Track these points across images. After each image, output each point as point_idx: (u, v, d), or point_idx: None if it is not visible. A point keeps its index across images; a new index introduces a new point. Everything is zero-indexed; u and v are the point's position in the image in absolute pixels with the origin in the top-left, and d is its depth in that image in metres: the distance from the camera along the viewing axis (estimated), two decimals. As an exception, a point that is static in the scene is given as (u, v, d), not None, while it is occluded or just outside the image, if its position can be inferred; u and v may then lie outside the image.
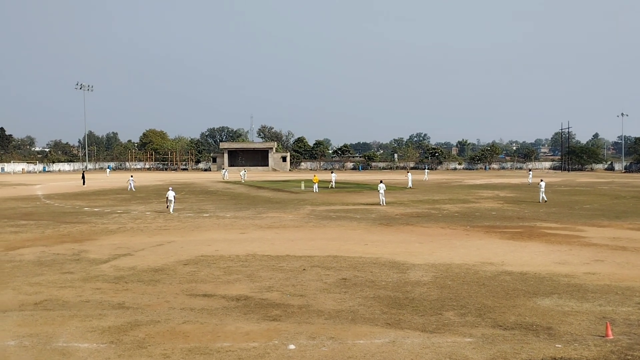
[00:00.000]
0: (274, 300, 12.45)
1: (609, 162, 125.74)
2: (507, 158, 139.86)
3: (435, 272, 15.34)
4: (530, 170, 67.46)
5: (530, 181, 58.92)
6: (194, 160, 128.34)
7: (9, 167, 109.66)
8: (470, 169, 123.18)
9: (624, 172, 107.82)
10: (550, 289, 13.37)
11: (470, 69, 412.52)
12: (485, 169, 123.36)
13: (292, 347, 9.44)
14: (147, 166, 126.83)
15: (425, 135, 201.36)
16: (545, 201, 36.98)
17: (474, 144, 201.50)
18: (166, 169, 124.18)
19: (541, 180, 39.53)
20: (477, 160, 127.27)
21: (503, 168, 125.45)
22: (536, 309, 11.68)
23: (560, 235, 22.16)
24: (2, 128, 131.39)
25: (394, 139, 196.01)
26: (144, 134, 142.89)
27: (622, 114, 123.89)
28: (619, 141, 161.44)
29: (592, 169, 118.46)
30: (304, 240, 21.11)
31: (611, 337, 9.76)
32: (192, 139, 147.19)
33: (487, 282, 14.09)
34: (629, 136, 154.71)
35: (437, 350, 9.26)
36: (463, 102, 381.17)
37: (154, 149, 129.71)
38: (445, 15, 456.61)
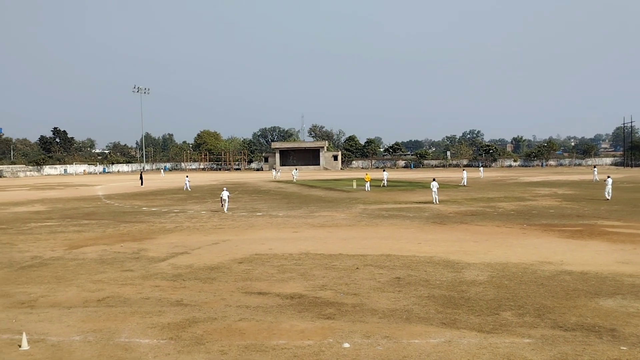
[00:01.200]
0: (328, 299, 12.50)
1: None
2: (565, 154, 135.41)
3: (492, 271, 15.03)
4: (595, 167, 64.46)
5: (596, 179, 56.13)
6: (247, 160, 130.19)
7: (71, 168, 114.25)
8: (526, 166, 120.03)
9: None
10: (613, 289, 12.89)
11: (526, 63, 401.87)
12: (541, 165, 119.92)
13: (346, 345, 9.46)
14: (201, 166, 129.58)
15: (478, 132, 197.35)
16: (608, 199, 35.45)
17: (529, 141, 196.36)
18: (220, 169, 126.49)
19: (608, 177, 38.03)
20: (533, 157, 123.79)
21: (561, 165, 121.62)
22: (598, 310, 11.28)
23: (623, 234, 21.32)
24: (64, 131, 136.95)
25: (447, 137, 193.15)
26: (198, 135, 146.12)
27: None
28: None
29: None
30: (356, 239, 21.09)
31: (680, 340, 9.32)
32: (244, 139, 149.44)
33: (546, 282, 13.70)
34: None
35: (494, 351, 9.08)
36: (518, 97, 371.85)
37: (208, 150, 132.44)
38: (503, 12, 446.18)
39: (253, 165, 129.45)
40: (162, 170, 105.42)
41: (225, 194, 32.65)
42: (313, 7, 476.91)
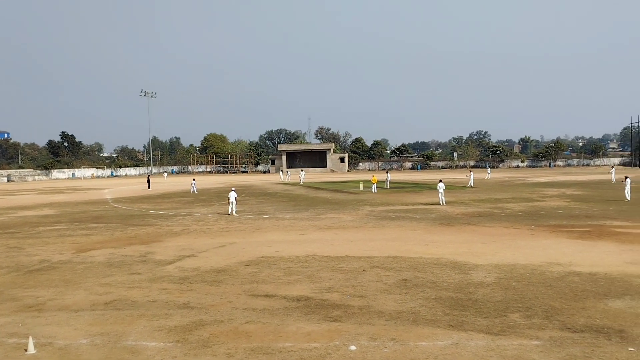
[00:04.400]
0: (335, 301, 12.47)
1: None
2: (573, 154, 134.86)
3: (499, 272, 14.95)
4: (613, 167, 63.41)
5: (614, 179, 55.40)
6: (253, 163, 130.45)
7: (79, 172, 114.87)
8: (533, 167, 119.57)
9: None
10: (622, 290, 12.78)
11: (532, 64, 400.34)
12: (549, 166, 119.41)
13: (353, 348, 9.42)
14: (208, 169, 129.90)
15: (485, 133, 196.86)
16: (628, 200, 34.90)
17: (537, 141, 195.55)
18: (226, 172, 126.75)
19: (626, 177, 37.73)
20: (541, 158, 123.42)
21: (569, 165, 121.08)
22: (607, 311, 11.19)
23: (632, 234, 21.16)
24: (72, 135, 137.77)
25: (453, 138, 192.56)
26: (205, 138, 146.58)
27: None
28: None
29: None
30: (363, 241, 21.05)
31: (691, 342, 9.23)
32: (251, 142, 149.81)
33: (554, 283, 13.61)
34: None
35: (502, 353, 9.02)
36: (525, 98, 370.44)
37: (215, 153, 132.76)
38: (507, 14, 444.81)
39: (260, 167, 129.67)
40: (165, 174, 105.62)
41: (233, 195, 32.69)
42: (316, 9, 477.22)
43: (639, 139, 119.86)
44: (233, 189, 34.88)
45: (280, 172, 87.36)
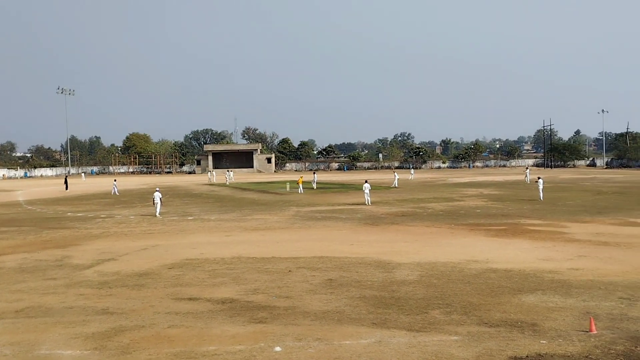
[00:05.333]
0: (260, 303, 12.40)
1: (591, 159, 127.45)
2: (491, 156, 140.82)
3: (421, 270, 15.38)
4: (527, 169, 66.51)
5: (528, 180, 57.86)
6: (178, 163, 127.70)
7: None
8: (454, 168, 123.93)
9: (605, 168, 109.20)
10: (534, 286, 13.46)
11: (452, 67, 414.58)
12: (469, 167, 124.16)
13: (278, 349, 9.40)
14: (130, 170, 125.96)
15: (409, 134, 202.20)
16: (541, 200, 36.77)
17: (457, 143, 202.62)
18: (150, 173, 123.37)
19: (539, 178, 39.74)
20: (461, 159, 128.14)
21: (487, 166, 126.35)
22: (521, 306, 11.75)
23: (544, 232, 22.35)
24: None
25: (379, 139, 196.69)
26: (127, 138, 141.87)
27: (603, 111, 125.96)
28: (600, 137, 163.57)
29: (574, 166, 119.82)
30: (289, 242, 21.07)
31: (595, 332, 9.84)
32: (176, 142, 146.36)
33: (473, 280, 14.15)
34: (610, 132, 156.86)
35: (423, 349, 9.27)
36: (446, 100, 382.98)
37: (138, 153, 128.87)
38: (432, 14, 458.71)
39: (185, 168, 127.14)
40: (82, 174, 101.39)
41: (157, 196, 31.89)
42: (239, 11, 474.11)
43: (550, 141, 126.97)
44: (157, 189, 34.00)
45: (209, 172, 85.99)
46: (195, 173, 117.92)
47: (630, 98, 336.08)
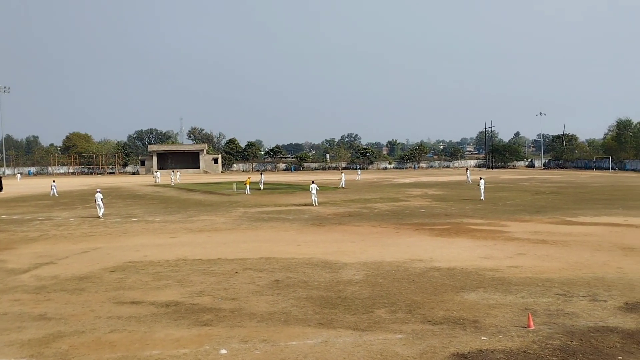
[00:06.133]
0: (205, 305, 12.23)
1: (530, 160, 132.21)
2: (435, 157, 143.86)
3: (367, 270, 15.54)
4: (467, 169, 68.23)
5: (469, 180, 59.25)
6: (122, 164, 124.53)
7: None
8: (400, 168, 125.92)
9: (543, 169, 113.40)
10: (476, 283, 13.83)
11: (398, 69, 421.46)
12: (414, 167, 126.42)
13: (223, 351, 9.30)
14: (71, 170, 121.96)
15: (356, 135, 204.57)
16: (482, 199, 37.82)
17: (403, 144, 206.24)
18: (92, 173, 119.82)
19: (481, 179, 40.81)
20: (407, 160, 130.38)
21: (431, 167, 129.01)
22: (463, 303, 12.05)
23: (485, 231, 22.99)
24: None
25: (326, 140, 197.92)
26: (67, 137, 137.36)
27: (541, 113, 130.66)
28: (538, 139, 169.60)
29: (514, 166, 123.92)
30: (236, 243, 20.88)
31: (533, 328, 10.19)
32: (119, 142, 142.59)
33: (417, 279, 14.41)
34: (547, 134, 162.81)
35: (368, 348, 9.37)
36: (393, 102, 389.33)
37: (79, 153, 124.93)
38: (377, 15, 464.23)
39: (128, 169, 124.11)
40: (18, 175, 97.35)
41: (99, 197, 31.02)
42: (176, 7, 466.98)
43: (491, 143, 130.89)
44: (98, 190, 33.05)
45: (154, 173, 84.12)
46: (139, 174, 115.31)
47: (567, 101, 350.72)
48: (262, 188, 52.70)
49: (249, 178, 52.10)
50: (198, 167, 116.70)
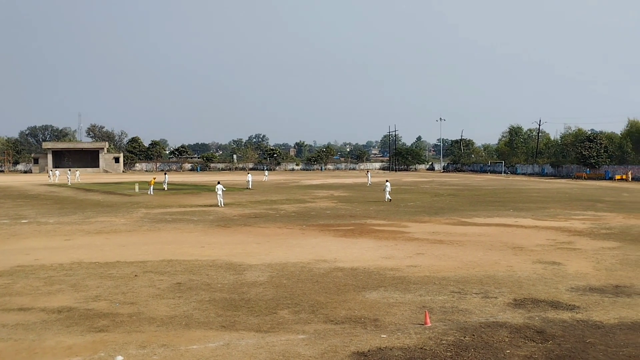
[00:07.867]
0: (102, 310, 11.69)
1: (430, 163, 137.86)
2: (342, 159, 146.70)
3: (272, 271, 15.51)
4: (368, 172, 69.94)
5: (370, 182, 60.30)
6: (12, 162, 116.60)
7: None
8: (307, 170, 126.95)
9: (443, 172, 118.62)
10: (377, 283, 14.19)
11: (306, 72, 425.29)
12: (321, 169, 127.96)
13: (119, 358, 8.92)
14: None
15: (264, 136, 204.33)
16: (390, 200, 38.87)
17: (310, 146, 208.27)
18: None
19: (387, 181, 41.86)
20: (314, 161, 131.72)
21: (338, 169, 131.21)
22: (365, 302, 12.32)
23: (387, 231, 23.67)
24: None
25: (233, 140, 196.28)
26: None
27: (441, 119, 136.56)
28: (438, 143, 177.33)
29: (416, 169, 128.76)
30: (136, 245, 20.15)
31: (429, 325, 10.61)
32: (9, 138, 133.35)
33: (321, 279, 14.57)
34: (447, 139, 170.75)
35: (270, 349, 9.35)
36: (300, 104, 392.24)
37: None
38: (282, 16, 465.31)
39: (20, 167, 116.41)
40: None
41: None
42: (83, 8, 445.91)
43: (395, 146, 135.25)
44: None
45: (50, 171, 79.25)
46: (32, 172, 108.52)
47: (465, 107, 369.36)
48: (166, 188, 51.21)
49: (154, 178, 50.52)
50: (98, 167, 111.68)
